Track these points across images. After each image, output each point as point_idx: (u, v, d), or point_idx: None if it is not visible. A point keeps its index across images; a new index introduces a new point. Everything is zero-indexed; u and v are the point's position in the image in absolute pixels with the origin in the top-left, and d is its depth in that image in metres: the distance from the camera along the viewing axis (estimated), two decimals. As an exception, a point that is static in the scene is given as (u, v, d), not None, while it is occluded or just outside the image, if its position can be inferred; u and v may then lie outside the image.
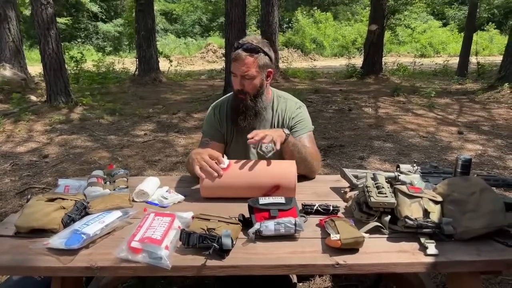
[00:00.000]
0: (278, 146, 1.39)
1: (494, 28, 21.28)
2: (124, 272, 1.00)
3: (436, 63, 12.69)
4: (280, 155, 1.51)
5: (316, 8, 22.79)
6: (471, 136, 4.47)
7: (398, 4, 10.57)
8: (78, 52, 10.64)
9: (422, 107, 6.27)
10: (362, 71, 10.07)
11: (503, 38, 19.22)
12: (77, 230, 1.07)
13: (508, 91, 6.77)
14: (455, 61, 11.78)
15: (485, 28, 20.60)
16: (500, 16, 21.40)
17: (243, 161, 1.43)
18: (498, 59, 10.32)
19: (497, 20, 21.38)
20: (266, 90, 1.64)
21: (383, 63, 10.53)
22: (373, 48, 9.85)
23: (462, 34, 13.30)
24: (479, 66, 10.00)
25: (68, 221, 1.14)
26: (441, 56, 18.62)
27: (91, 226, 1.08)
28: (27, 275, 1.37)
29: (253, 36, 1.60)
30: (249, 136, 1.37)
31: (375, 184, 1.19)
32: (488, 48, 19.51)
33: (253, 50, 1.51)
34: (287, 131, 1.50)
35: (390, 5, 10.09)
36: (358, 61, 11.69)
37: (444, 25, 23.12)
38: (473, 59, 10.67)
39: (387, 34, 12.33)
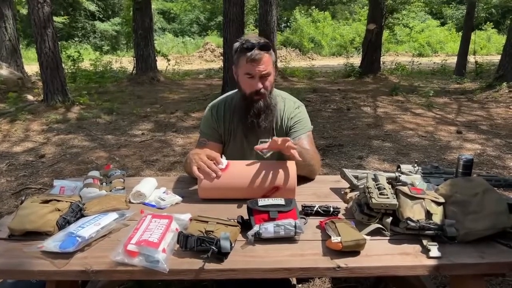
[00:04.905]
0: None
1: (492, 28, 21.36)
2: (120, 276, 0.98)
3: (434, 62, 12.71)
4: (278, 155, 1.49)
5: (314, 7, 22.77)
6: (470, 136, 4.46)
7: (396, 4, 10.57)
8: (75, 51, 10.58)
9: (421, 106, 6.26)
10: (360, 70, 10.05)
11: (500, 37, 19.31)
12: (72, 233, 1.04)
13: (506, 91, 6.77)
14: (453, 60, 11.79)
15: (483, 28, 20.67)
16: (498, 16, 21.48)
17: (242, 161, 1.40)
18: (496, 58, 10.34)
19: (494, 19, 21.47)
20: None
21: (381, 62, 10.53)
22: (371, 47, 9.83)
23: (460, 33, 13.32)
24: (477, 66, 10.01)
25: (63, 224, 1.11)
26: (439, 55, 18.67)
27: (87, 228, 1.06)
28: (21, 279, 1.35)
29: (253, 35, 1.58)
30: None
31: (376, 185, 1.17)
32: (486, 47, 19.57)
33: (267, 47, 1.48)
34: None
35: (388, 4, 10.09)
36: (356, 60, 11.68)
37: (442, 24, 23.17)
38: (471, 59, 10.68)
39: (385, 33, 12.34)
